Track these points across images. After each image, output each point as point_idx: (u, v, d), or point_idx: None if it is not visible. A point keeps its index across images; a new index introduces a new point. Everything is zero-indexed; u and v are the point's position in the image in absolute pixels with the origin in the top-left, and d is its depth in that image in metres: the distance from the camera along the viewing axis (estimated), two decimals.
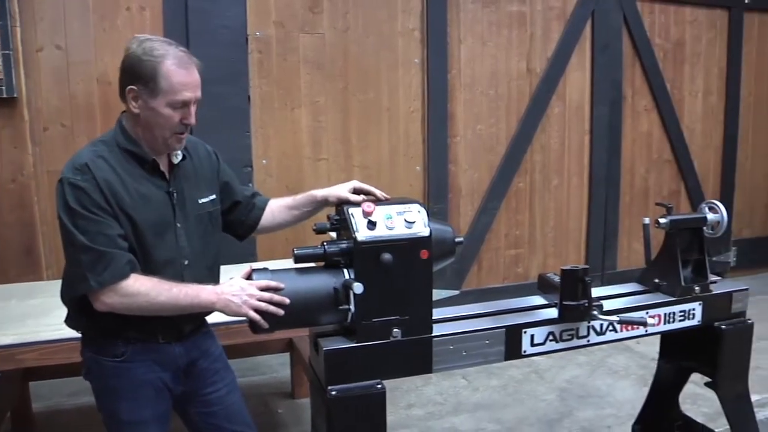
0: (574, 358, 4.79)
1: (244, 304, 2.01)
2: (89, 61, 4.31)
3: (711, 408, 3.74)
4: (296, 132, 4.91)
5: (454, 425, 3.96)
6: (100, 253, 1.96)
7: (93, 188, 1.99)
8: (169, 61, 2.03)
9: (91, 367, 2.21)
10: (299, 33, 4.84)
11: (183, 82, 2.05)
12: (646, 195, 6.36)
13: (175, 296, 2.02)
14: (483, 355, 2.27)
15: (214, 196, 2.32)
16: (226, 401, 2.39)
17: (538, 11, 5.63)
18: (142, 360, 2.16)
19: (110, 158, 2.06)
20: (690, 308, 2.63)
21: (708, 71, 6.52)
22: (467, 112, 5.47)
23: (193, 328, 2.29)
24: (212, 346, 2.40)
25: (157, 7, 4.44)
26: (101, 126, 4.31)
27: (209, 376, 2.35)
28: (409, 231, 2.06)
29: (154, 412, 2.21)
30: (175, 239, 2.16)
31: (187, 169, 2.25)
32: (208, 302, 2.05)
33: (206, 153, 2.37)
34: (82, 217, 1.98)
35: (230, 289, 2.05)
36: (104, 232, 1.98)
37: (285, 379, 4.44)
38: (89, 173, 2.00)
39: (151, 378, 2.19)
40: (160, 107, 2.04)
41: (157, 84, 2.02)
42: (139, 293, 2.00)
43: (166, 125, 2.07)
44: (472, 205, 5.61)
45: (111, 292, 1.98)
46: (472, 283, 5.68)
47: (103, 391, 2.21)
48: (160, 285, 2.02)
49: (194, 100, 2.10)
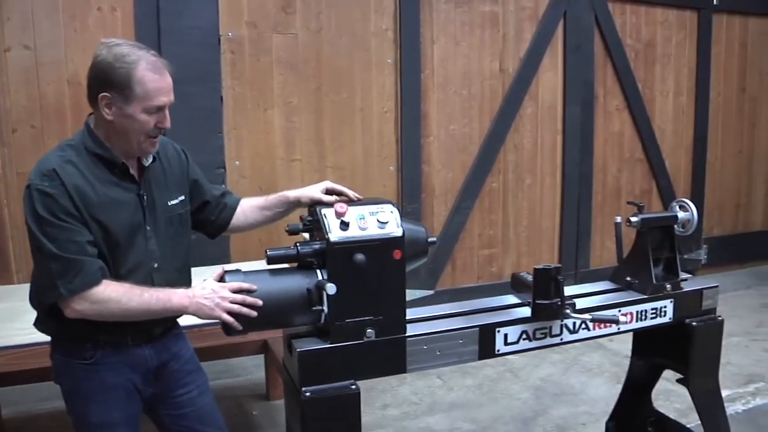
0: (549, 357, 4.82)
1: (216, 307, 2.00)
2: (59, 62, 4.25)
3: (683, 404, 3.78)
4: (269, 133, 4.89)
5: (429, 425, 3.96)
6: (69, 261, 1.94)
7: (61, 194, 1.96)
8: (142, 67, 2.00)
9: (60, 370, 2.19)
10: (272, 33, 4.82)
11: (158, 87, 2.03)
12: (618, 194, 6.42)
13: (146, 301, 2.01)
14: (457, 355, 2.28)
15: (183, 197, 2.31)
16: (198, 403, 2.37)
17: (510, 11, 5.65)
18: (112, 362, 2.14)
19: (79, 163, 2.04)
20: (661, 306, 2.65)
21: (678, 71, 6.59)
22: (440, 112, 5.48)
23: (163, 330, 2.28)
24: (183, 347, 2.39)
25: (129, 7, 4.38)
26: (72, 127, 4.24)
27: (180, 377, 2.34)
28: (382, 231, 2.06)
29: (124, 414, 2.20)
30: (145, 242, 2.15)
31: (156, 171, 2.23)
32: (180, 306, 2.04)
33: (175, 152, 2.35)
34: (50, 224, 1.95)
35: (202, 292, 2.04)
36: (73, 239, 1.96)
37: (260, 380, 4.42)
38: (57, 179, 1.97)
39: (121, 380, 2.17)
40: (135, 113, 2.02)
41: (132, 90, 2.00)
42: (110, 299, 1.98)
43: (141, 130, 2.05)
44: (445, 205, 5.62)
45: (81, 299, 1.96)
46: (446, 282, 5.69)
47: (72, 393, 2.19)
48: (131, 291, 2.01)
49: (169, 104, 2.08)
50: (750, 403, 4.15)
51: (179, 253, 2.28)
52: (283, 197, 2.42)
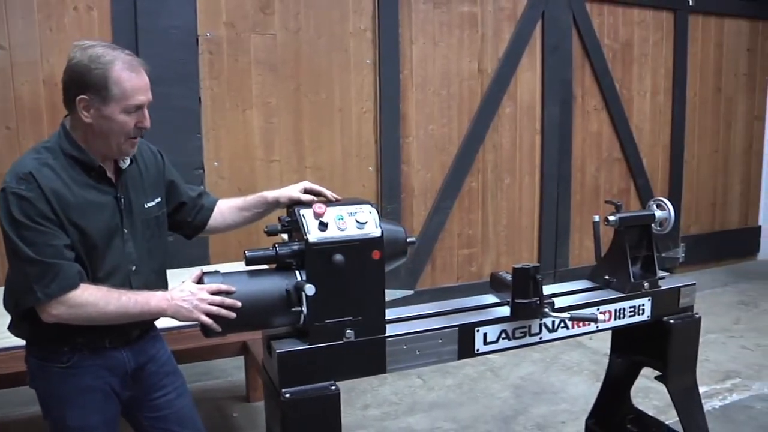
0: (528, 356, 4.84)
1: (195, 309, 1.99)
2: (35, 62, 4.20)
3: (662, 401, 3.82)
4: (248, 133, 4.87)
5: (410, 425, 3.96)
6: (47, 265, 1.92)
7: (38, 198, 1.93)
8: (118, 67, 1.98)
9: (36, 375, 2.16)
10: (250, 34, 4.80)
11: (135, 86, 2.01)
12: (596, 193, 6.46)
13: (124, 305, 2.00)
14: (436, 355, 2.28)
15: (159, 198, 2.29)
16: (176, 405, 2.36)
17: (489, 12, 5.67)
18: (90, 366, 2.12)
19: (56, 166, 2.01)
20: (639, 304, 2.67)
21: (655, 71, 6.65)
22: (419, 113, 5.49)
23: (141, 332, 2.26)
24: (161, 350, 2.37)
25: (105, 6, 4.34)
26: (48, 128, 4.20)
27: (158, 380, 2.32)
28: (361, 232, 2.06)
29: (102, 418, 2.18)
30: (123, 245, 2.13)
31: (133, 173, 2.21)
32: (159, 309, 2.03)
33: (151, 154, 2.33)
34: (27, 228, 1.92)
35: (180, 294, 2.03)
36: (51, 243, 1.94)
37: (239, 382, 4.40)
38: (34, 182, 1.94)
39: (99, 383, 2.15)
40: (114, 114, 2.00)
41: (110, 91, 1.98)
42: (88, 303, 1.96)
43: (121, 131, 2.03)
44: (425, 205, 5.62)
45: (59, 303, 1.94)
46: (426, 282, 5.70)
47: (49, 398, 2.16)
48: (108, 294, 1.99)
49: (147, 103, 2.06)
50: (727, 399, 4.19)
51: (156, 255, 2.27)
52: (262, 198, 2.41)
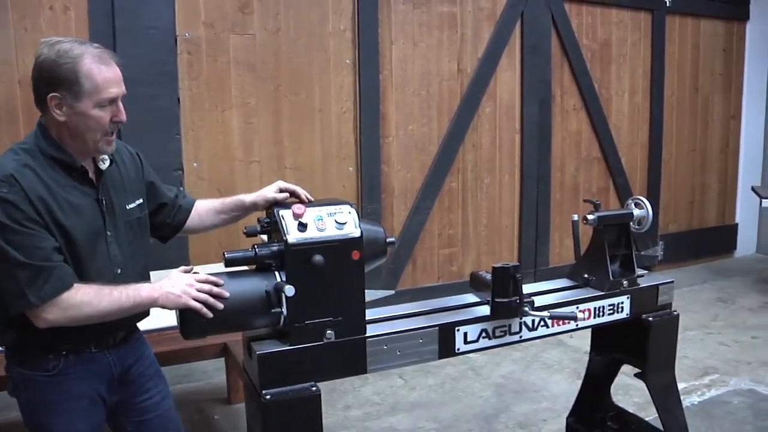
0: (509, 354, 4.86)
1: (183, 294, 1.97)
2: (9, 62, 4.15)
3: (641, 398, 3.84)
4: (227, 134, 4.85)
5: (392, 425, 3.96)
6: (38, 268, 1.87)
7: (22, 200, 1.88)
8: (88, 60, 1.94)
9: (19, 384, 2.11)
10: (229, 34, 4.78)
11: (107, 78, 1.97)
12: (576, 192, 6.50)
13: (117, 299, 1.96)
14: (417, 354, 2.28)
15: (141, 200, 2.26)
16: (161, 408, 2.35)
17: (468, 12, 5.69)
18: (76, 372, 2.09)
19: (36, 167, 1.95)
20: (618, 302, 2.69)
21: (633, 71, 6.70)
22: (399, 113, 5.49)
23: (125, 334, 2.24)
24: (145, 352, 2.36)
25: (83, 6, 4.30)
26: (25, 129, 4.15)
27: (143, 382, 2.30)
28: (340, 232, 2.06)
29: (89, 424, 2.14)
30: (107, 248, 2.10)
31: (113, 175, 2.18)
32: (150, 299, 2.00)
33: (130, 155, 2.30)
34: (14, 231, 1.86)
35: (169, 281, 2.02)
36: (39, 245, 1.89)
37: (220, 384, 4.38)
38: (17, 185, 1.88)
39: (86, 389, 2.12)
40: (88, 110, 1.95)
41: (81, 86, 1.93)
42: (83, 303, 1.92)
43: (96, 127, 1.98)
44: (405, 204, 5.63)
45: (53, 307, 1.89)
46: (407, 282, 5.70)
47: (33, 406, 2.11)
48: (101, 291, 1.95)
49: (121, 96, 2.02)
50: (705, 395, 4.23)
51: (140, 257, 2.24)
52: (239, 201, 2.40)
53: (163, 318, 2.33)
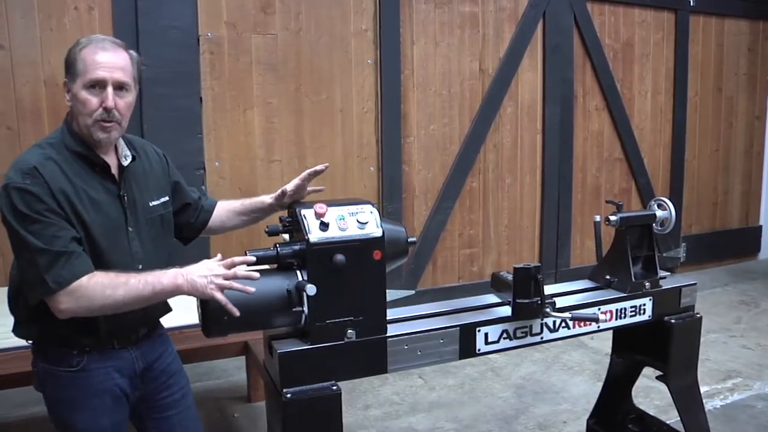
0: (530, 356, 4.84)
1: (209, 284, 1.93)
2: (35, 62, 4.20)
3: (663, 400, 3.82)
4: (249, 133, 4.87)
5: (411, 425, 3.96)
6: (57, 254, 1.89)
7: (44, 192, 1.91)
8: (90, 46, 2.00)
9: (44, 379, 2.14)
10: (251, 34, 4.80)
11: (96, 60, 1.99)
12: (597, 193, 6.46)
13: (134, 288, 1.93)
14: (438, 354, 2.28)
15: (166, 198, 2.28)
16: (181, 405, 2.36)
17: (490, 12, 5.67)
18: (99, 368, 2.11)
19: (59, 160, 1.99)
20: (640, 303, 2.67)
21: (656, 71, 6.65)
22: (420, 112, 5.49)
23: (147, 331, 2.26)
24: (168, 348, 2.37)
25: (106, 6, 4.34)
26: (49, 128, 4.20)
27: (165, 379, 2.32)
28: (362, 232, 2.06)
29: (112, 421, 2.16)
30: (128, 244, 2.11)
31: (137, 171, 2.20)
32: (173, 286, 1.95)
33: (155, 154, 2.33)
34: (34, 221, 1.89)
35: (196, 269, 1.97)
36: (58, 234, 1.90)
37: (241, 382, 4.40)
38: (39, 177, 1.92)
39: (109, 386, 2.14)
40: (78, 91, 2.00)
41: (76, 68, 2.00)
42: (95, 291, 1.91)
43: (84, 110, 2.00)
44: (426, 204, 5.62)
45: (67, 296, 1.89)
46: (427, 282, 5.69)
47: (57, 401, 2.13)
48: (116, 279, 1.93)
49: (112, 81, 2.01)
50: (728, 399, 4.19)
51: (162, 254, 2.25)
52: (260, 202, 2.42)
53: (185, 316, 2.35)
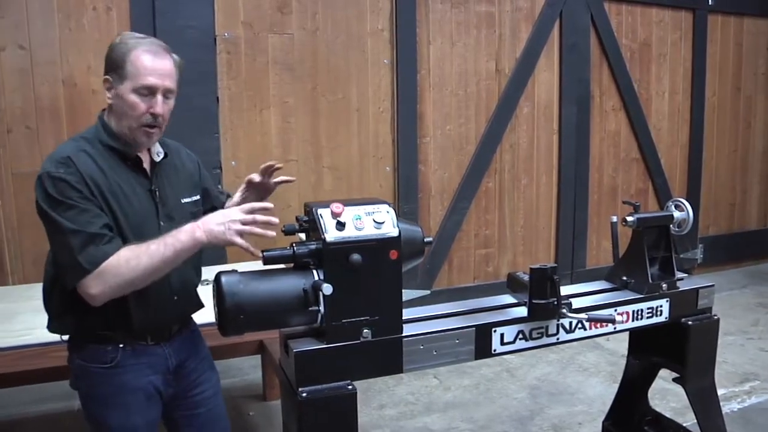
0: (545, 356, 4.83)
1: (227, 231, 1.94)
2: (54, 62, 4.24)
3: (679, 403, 3.80)
4: (265, 133, 4.89)
5: (426, 425, 3.96)
6: (90, 235, 1.90)
7: (77, 180, 1.93)
8: (140, 48, 2.01)
9: (79, 375, 2.15)
10: (268, 33, 4.82)
11: (149, 66, 2.01)
12: (614, 193, 6.43)
13: (156, 252, 1.93)
14: (453, 355, 2.28)
15: (197, 197, 2.31)
16: (211, 403, 2.38)
17: (506, 12, 5.66)
18: (133, 365, 2.12)
19: (93, 153, 2.02)
20: (657, 305, 2.65)
21: (674, 71, 6.61)
22: (436, 112, 5.49)
23: (179, 327, 2.27)
24: (200, 345, 2.39)
25: (124, 6, 4.38)
26: (67, 128, 4.26)
27: (197, 376, 2.33)
28: (378, 231, 2.05)
29: (144, 419, 2.17)
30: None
31: (168, 168, 2.22)
32: (192, 240, 1.95)
33: (189, 157, 2.36)
34: (69, 207, 1.91)
35: (213, 218, 1.98)
36: (92, 220, 1.93)
37: (256, 381, 4.42)
38: (73, 166, 1.95)
39: (143, 383, 2.15)
40: (126, 93, 2.01)
41: (125, 69, 2.00)
42: (119, 266, 1.91)
43: (131, 113, 2.02)
44: (442, 204, 5.62)
45: (97, 279, 1.90)
46: (442, 282, 5.69)
47: (92, 398, 2.15)
48: (137, 249, 1.94)
49: (162, 89, 2.04)
50: (745, 402, 4.16)
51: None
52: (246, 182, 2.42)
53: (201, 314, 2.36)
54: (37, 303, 2.20)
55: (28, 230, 4.19)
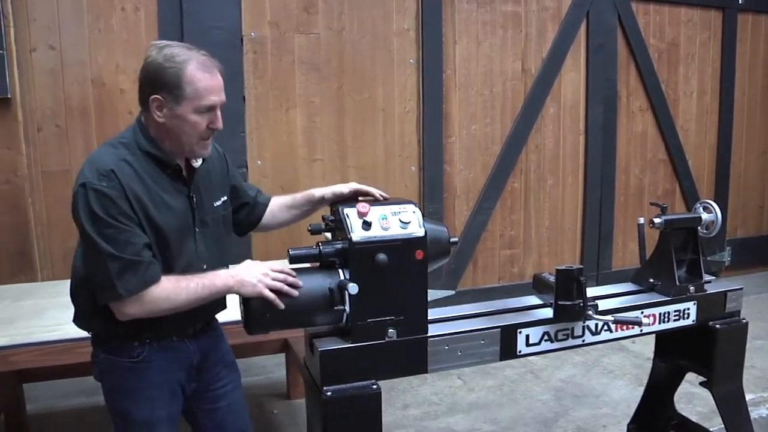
0: (570, 358, 4.80)
1: (259, 283, 1.99)
2: (83, 62, 4.30)
3: (706, 407, 3.76)
4: (291, 133, 4.91)
5: (449, 425, 3.96)
6: (128, 262, 1.92)
7: (119, 195, 1.94)
8: (192, 66, 2.00)
9: (104, 369, 2.18)
10: (294, 33, 4.84)
11: (208, 86, 2.02)
12: (640, 195, 6.38)
13: (194, 291, 2.00)
14: (478, 355, 2.28)
15: (225, 197, 2.32)
16: (231, 397, 2.40)
17: (532, 11, 5.64)
18: (158, 360, 2.15)
19: (133, 162, 2.02)
20: (685, 308, 2.63)
21: (702, 71, 6.53)
22: (462, 112, 5.48)
23: (203, 325, 2.29)
24: (221, 341, 2.42)
25: (152, 7, 4.42)
26: (96, 127, 4.32)
27: (218, 370, 2.36)
28: (404, 231, 2.06)
29: (168, 412, 2.20)
30: (194, 244, 2.15)
31: (204, 173, 2.24)
32: (225, 286, 2.03)
33: (217, 154, 2.36)
34: (108, 225, 1.92)
35: (245, 269, 2.04)
36: (131, 240, 1.94)
37: (280, 379, 4.44)
38: (116, 180, 1.94)
39: (167, 378, 2.18)
40: (186, 114, 2.01)
41: (182, 90, 1.98)
42: (160, 298, 1.97)
43: (193, 132, 2.04)
44: (467, 205, 5.61)
45: (134, 303, 1.95)
46: (467, 283, 5.68)
47: (116, 392, 2.18)
48: (178, 284, 1.99)
49: (220, 104, 2.08)
50: None
51: (224, 253, 2.28)
52: (310, 195, 2.43)
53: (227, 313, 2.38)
54: (65, 299, 2.23)
55: (57, 228, 4.26)
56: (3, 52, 4.05)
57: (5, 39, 4.05)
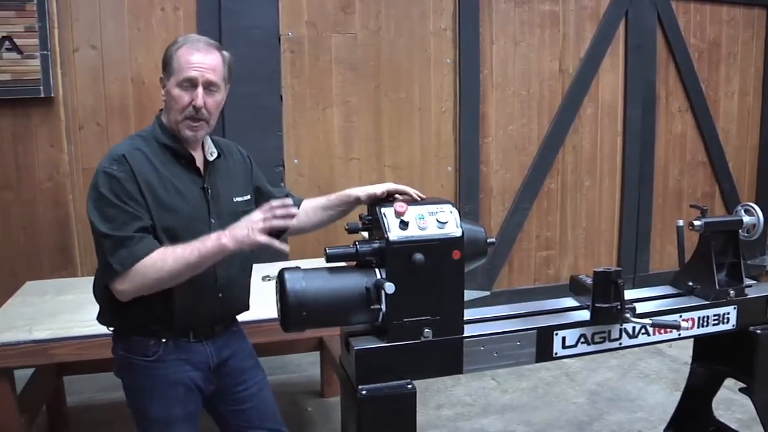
0: (606, 361, 4.75)
1: (251, 232, 1.97)
2: (124, 61, 4.37)
3: (746, 414, 3.70)
4: (328, 132, 4.93)
5: (483, 426, 3.94)
6: (120, 238, 1.97)
7: (128, 178, 2.00)
8: (186, 46, 2.10)
9: (122, 366, 2.23)
10: (331, 33, 4.87)
11: (190, 60, 2.09)
12: (679, 197, 6.30)
13: (181, 255, 1.98)
14: (514, 357, 2.26)
15: (249, 196, 2.34)
16: (257, 399, 2.40)
17: (570, 11, 5.60)
18: (174, 360, 2.18)
19: (147, 151, 2.09)
20: (724, 312, 2.59)
21: (744, 71, 6.43)
22: (499, 113, 5.46)
23: (223, 327, 2.31)
24: (242, 344, 2.42)
25: (191, 7, 4.48)
26: (135, 125, 4.38)
27: (239, 374, 2.37)
28: (442, 231, 2.05)
29: (184, 411, 2.22)
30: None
31: (221, 168, 2.27)
32: (217, 246, 1.99)
33: (240, 156, 2.39)
34: (111, 204, 1.98)
35: (237, 224, 2.03)
36: (129, 222, 1.98)
37: (314, 377, 4.46)
38: (126, 164, 2.02)
39: (182, 378, 2.20)
40: (171, 88, 2.10)
41: (171, 66, 2.10)
42: (146, 267, 1.97)
43: (175, 107, 2.10)
44: (503, 205, 5.59)
45: (125, 278, 1.97)
46: (502, 284, 5.66)
47: (133, 388, 2.23)
48: (165, 252, 1.99)
49: (203, 81, 2.10)
50: None
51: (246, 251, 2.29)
52: (346, 196, 2.41)
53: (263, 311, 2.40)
54: None
55: None
56: (48, 53, 4.13)
57: (50, 40, 4.14)
